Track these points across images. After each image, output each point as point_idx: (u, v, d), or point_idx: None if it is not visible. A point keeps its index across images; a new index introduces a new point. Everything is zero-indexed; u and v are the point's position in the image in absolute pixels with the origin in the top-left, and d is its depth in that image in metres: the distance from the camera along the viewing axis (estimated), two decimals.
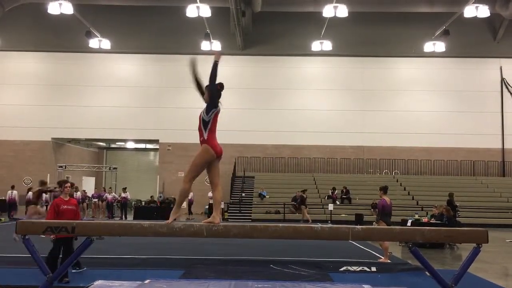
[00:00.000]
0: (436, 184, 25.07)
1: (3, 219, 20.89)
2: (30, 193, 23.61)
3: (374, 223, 9.83)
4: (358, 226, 4.91)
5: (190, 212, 24.11)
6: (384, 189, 9.90)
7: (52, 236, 6.58)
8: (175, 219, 4.83)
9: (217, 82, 5.05)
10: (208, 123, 4.95)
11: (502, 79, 28.13)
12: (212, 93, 4.95)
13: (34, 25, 27.77)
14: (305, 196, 22.52)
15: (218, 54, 4.97)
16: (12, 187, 23.09)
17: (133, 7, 27.66)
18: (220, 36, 27.37)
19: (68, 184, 7.40)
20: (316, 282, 7.41)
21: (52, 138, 28.25)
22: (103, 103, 27.71)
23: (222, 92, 5.09)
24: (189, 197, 24.91)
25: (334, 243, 12.00)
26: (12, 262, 8.84)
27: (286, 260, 9.67)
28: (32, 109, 27.87)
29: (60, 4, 23.56)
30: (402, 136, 27.47)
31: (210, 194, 23.45)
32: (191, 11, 24.12)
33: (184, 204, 27.76)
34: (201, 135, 4.99)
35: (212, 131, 4.99)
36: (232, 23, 26.36)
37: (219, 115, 5.13)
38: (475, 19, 24.86)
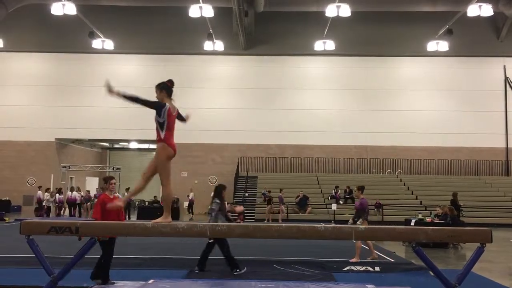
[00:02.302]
0: (439, 184, 25.00)
1: (7, 219, 20.97)
2: (47, 194, 23.81)
3: (358, 222, 9.97)
4: (361, 226, 4.91)
5: (191, 212, 24.13)
6: (362, 189, 10.13)
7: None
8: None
9: (170, 79, 5.11)
10: (163, 123, 4.95)
11: (506, 78, 28.04)
12: (146, 104, 4.95)
13: (37, 26, 27.86)
14: (270, 195, 22.43)
15: (115, 93, 4.84)
16: (39, 188, 23.62)
17: (136, 7, 27.70)
18: (223, 36, 27.39)
19: (114, 181, 7.07)
20: (319, 282, 7.41)
21: (56, 139, 28.33)
22: (107, 104, 27.62)
23: (173, 89, 5.11)
24: (190, 197, 25.02)
25: (338, 243, 11.98)
26: (17, 262, 8.88)
27: (289, 260, 9.67)
28: (36, 110, 27.95)
29: (63, 5, 23.62)
30: (405, 135, 27.42)
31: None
32: (194, 11, 24.14)
33: (185, 204, 27.96)
34: (158, 134, 5.01)
35: (169, 129, 5.01)
36: (234, 23, 26.38)
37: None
38: (478, 18, 24.80)
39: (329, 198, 23.74)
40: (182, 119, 5.33)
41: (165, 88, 5.06)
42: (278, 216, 21.76)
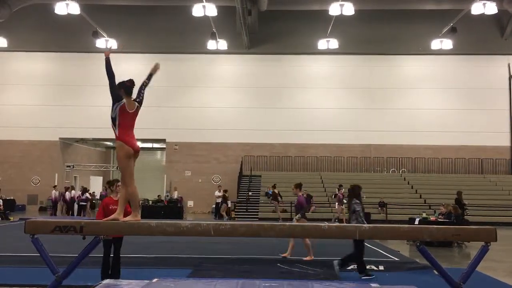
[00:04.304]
0: (444, 182, 24.95)
1: (12, 218, 21.07)
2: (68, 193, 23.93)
3: (295, 219, 10.08)
4: (365, 225, 4.90)
5: None
6: (300, 186, 10.17)
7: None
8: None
9: (131, 78, 5.12)
10: (115, 119, 4.94)
11: (510, 76, 27.94)
12: (111, 89, 4.99)
13: (41, 25, 27.94)
14: (277, 191, 22.22)
15: (107, 52, 5.05)
16: (66, 188, 23.87)
17: (139, 7, 27.75)
18: (226, 35, 27.40)
19: (119, 184, 7.23)
20: (323, 281, 7.39)
21: (60, 138, 28.41)
22: (110, 103, 27.79)
23: (134, 88, 5.11)
24: (175, 197, 25.18)
25: (341, 241, 11.95)
26: (22, 261, 8.91)
27: (293, 259, 9.67)
28: (40, 109, 28.04)
29: (67, 4, 23.69)
30: (409, 134, 27.36)
31: (216, 193, 23.49)
32: (197, 10, 24.16)
33: (192, 203, 27.95)
34: (114, 132, 5.00)
35: (123, 127, 4.97)
36: (238, 22, 26.38)
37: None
38: (482, 16, 24.70)
39: (333, 197, 23.70)
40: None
41: (124, 87, 5.04)
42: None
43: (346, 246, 11.85)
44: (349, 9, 23.69)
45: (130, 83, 5.11)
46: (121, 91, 5.04)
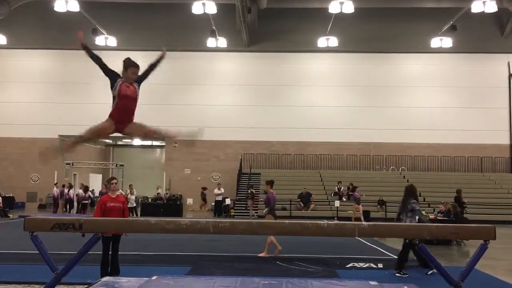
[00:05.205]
0: (443, 181, 24.94)
1: (11, 215, 21.08)
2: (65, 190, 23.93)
3: (264, 214, 10.17)
4: (365, 223, 4.90)
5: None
6: (271, 183, 10.21)
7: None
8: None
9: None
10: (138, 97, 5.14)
11: (510, 75, 27.93)
12: (106, 71, 5.13)
13: (41, 22, 27.88)
14: (254, 191, 22.55)
15: (81, 36, 5.13)
16: (61, 185, 23.96)
17: (139, 4, 27.69)
18: (226, 33, 27.37)
19: (115, 181, 7.27)
20: (322, 278, 7.40)
21: (59, 135, 28.33)
22: (110, 101, 27.71)
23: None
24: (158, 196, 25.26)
25: (341, 239, 11.99)
26: (21, 259, 8.92)
27: (292, 257, 9.69)
28: (39, 107, 28.01)
29: (67, 1, 23.68)
30: (409, 132, 27.35)
31: (216, 191, 23.51)
32: (197, 8, 24.13)
33: (191, 201, 27.94)
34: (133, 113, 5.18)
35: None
36: (237, 19, 26.34)
37: None
38: (482, 14, 24.70)
39: (332, 195, 23.74)
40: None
41: (133, 65, 5.18)
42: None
43: (346, 244, 11.87)
44: (349, 7, 23.69)
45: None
46: (131, 69, 5.11)
